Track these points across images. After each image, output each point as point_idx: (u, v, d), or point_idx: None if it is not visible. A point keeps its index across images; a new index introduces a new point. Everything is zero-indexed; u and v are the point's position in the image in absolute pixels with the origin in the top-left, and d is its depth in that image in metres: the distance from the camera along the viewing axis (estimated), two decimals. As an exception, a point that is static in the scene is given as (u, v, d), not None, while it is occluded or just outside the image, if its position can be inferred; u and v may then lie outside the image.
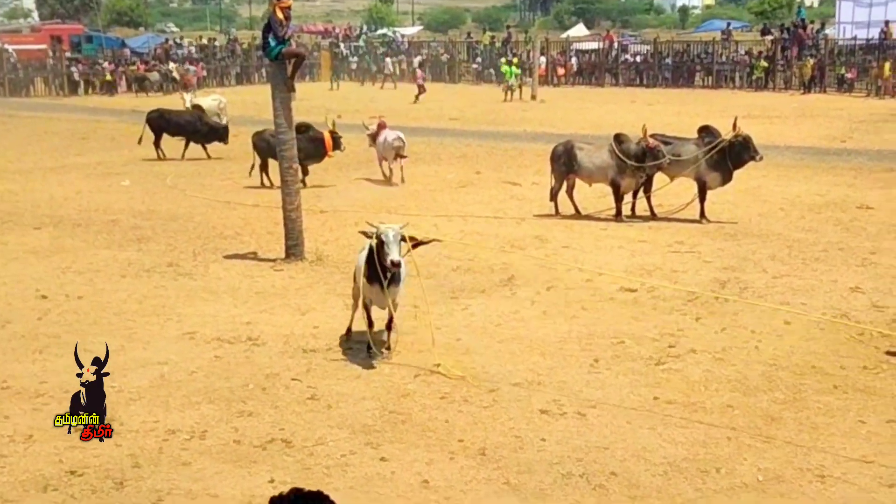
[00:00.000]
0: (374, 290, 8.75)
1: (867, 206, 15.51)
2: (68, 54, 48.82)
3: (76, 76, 44.89)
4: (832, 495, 6.37)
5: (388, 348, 9.10)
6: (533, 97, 36.12)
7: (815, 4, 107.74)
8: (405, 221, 9.21)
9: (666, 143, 14.94)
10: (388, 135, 18.91)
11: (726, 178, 14.76)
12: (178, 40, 57.50)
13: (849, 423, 7.38)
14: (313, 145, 18.09)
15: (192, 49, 51.26)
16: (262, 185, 18.26)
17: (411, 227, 9.12)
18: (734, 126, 14.49)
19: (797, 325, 9.67)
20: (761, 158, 14.73)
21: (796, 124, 26.50)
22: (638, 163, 14.45)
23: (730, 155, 14.49)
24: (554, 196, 15.39)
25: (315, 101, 33.29)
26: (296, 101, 13.85)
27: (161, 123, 22.75)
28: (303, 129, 18.19)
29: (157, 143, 22.66)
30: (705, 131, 14.87)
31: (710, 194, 14.78)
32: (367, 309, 8.92)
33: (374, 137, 19.33)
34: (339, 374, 8.56)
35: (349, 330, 9.54)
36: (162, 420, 7.63)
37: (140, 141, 22.52)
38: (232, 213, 16.13)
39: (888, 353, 8.85)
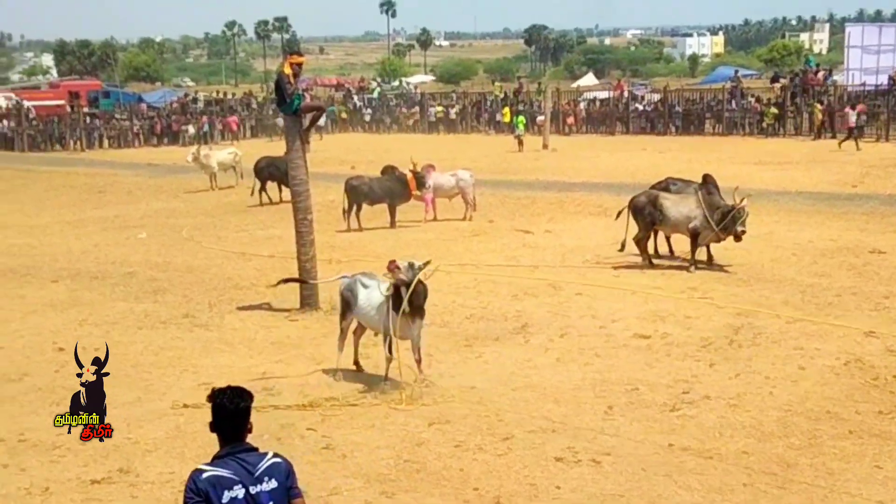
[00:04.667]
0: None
1: (879, 250, 15.50)
2: (86, 109, 49.53)
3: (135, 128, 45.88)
4: (849, 541, 6.35)
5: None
6: (545, 146, 36.30)
7: (824, 52, 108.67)
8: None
9: (673, 185, 15.74)
10: (460, 174, 20.19)
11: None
12: (194, 94, 58.36)
13: (865, 469, 7.36)
14: (400, 185, 19.31)
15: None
16: (350, 229, 18.98)
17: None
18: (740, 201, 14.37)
19: (811, 371, 9.67)
20: (743, 232, 14.45)
21: (807, 170, 26.51)
22: (722, 220, 14.29)
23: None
24: (644, 246, 15.23)
25: (325, 153, 33.68)
26: (310, 154, 14.04)
27: (271, 171, 23.28)
28: (388, 170, 19.58)
29: (262, 190, 23.46)
30: (706, 181, 14.94)
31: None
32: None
33: (422, 181, 19.70)
34: (353, 424, 8.60)
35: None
36: (178, 471, 7.65)
37: (253, 193, 23.60)
38: (247, 264, 16.26)
39: (903, 397, 8.84)
